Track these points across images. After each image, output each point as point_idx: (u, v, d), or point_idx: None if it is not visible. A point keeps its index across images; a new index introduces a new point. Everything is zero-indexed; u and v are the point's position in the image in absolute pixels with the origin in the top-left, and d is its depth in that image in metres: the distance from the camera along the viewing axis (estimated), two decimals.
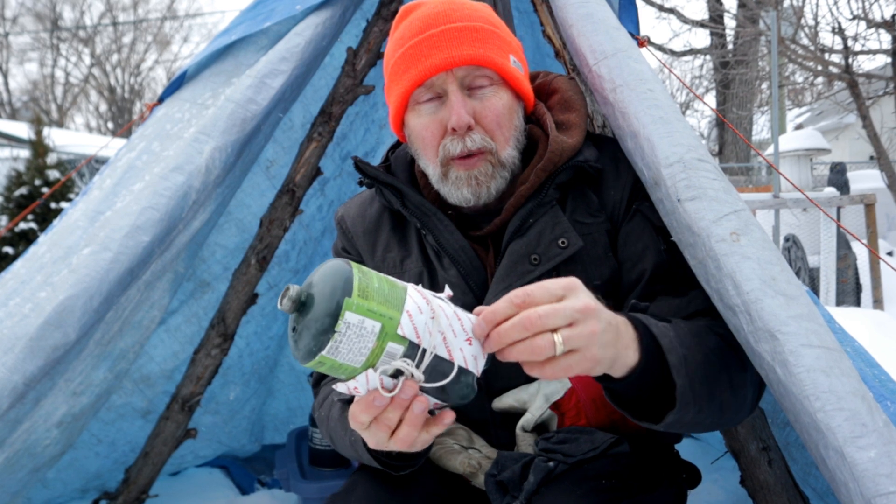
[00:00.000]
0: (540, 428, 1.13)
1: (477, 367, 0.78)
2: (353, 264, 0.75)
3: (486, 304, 1.07)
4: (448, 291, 0.82)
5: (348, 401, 1.06)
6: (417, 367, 0.75)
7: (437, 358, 0.75)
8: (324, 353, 0.71)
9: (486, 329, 0.77)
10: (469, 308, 1.09)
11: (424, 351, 0.74)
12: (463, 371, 0.77)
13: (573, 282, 0.80)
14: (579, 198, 1.14)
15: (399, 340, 0.73)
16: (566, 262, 1.09)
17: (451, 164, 1.11)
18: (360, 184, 1.24)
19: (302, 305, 0.73)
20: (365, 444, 0.99)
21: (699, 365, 0.93)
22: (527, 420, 1.11)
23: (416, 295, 0.75)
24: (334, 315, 0.70)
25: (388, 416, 0.80)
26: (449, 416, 0.83)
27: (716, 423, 0.99)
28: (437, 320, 0.75)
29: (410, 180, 1.24)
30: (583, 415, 1.11)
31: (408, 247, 1.20)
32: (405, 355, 0.74)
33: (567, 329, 0.76)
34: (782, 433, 1.46)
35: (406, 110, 1.15)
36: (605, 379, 0.89)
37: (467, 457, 1.13)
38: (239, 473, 2.32)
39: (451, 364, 0.76)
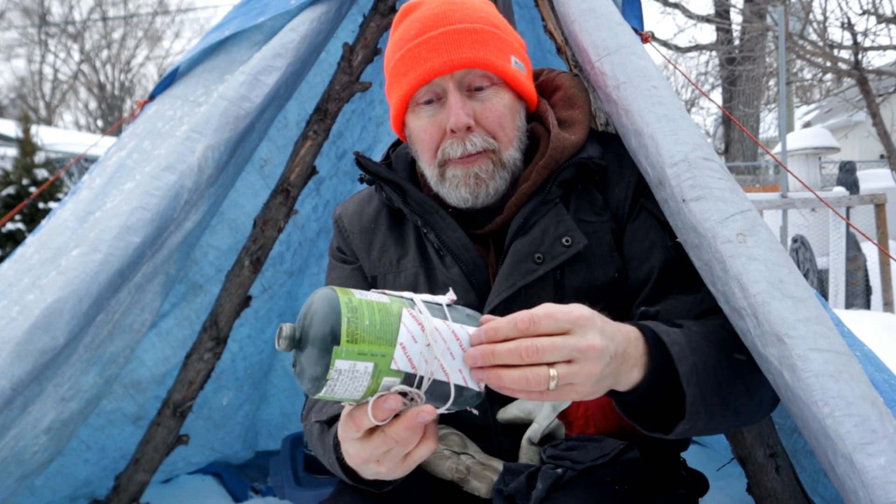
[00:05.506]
0: (546, 438, 1.11)
1: (479, 384, 0.78)
2: (342, 298, 0.74)
3: (489, 303, 1.07)
4: (451, 296, 0.82)
5: (326, 421, 1.04)
6: (417, 388, 0.76)
7: (435, 382, 0.76)
8: (321, 394, 0.73)
9: (482, 338, 0.76)
10: (471, 307, 1.06)
11: (422, 378, 0.75)
12: (464, 388, 0.78)
13: (584, 316, 0.77)
14: (583, 196, 1.13)
15: (394, 374, 0.74)
16: (570, 261, 1.08)
17: (448, 164, 1.10)
18: (361, 180, 1.23)
19: (298, 342, 0.74)
20: (342, 467, 0.96)
21: (711, 372, 0.91)
22: (534, 431, 1.09)
23: (411, 322, 0.75)
24: (324, 364, 0.71)
25: (395, 429, 0.77)
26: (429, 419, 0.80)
27: (732, 425, 0.98)
28: (432, 347, 0.75)
29: (411, 179, 1.22)
30: (591, 423, 1.10)
31: (405, 246, 1.19)
32: (403, 383, 0.75)
33: (564, 366, 0.74)
34: (790, 440, 1.43)
35: (406, 112, 1.15)
36: (612, 392, 0.88)
37: (455, 462, 1.12)
38: (232, 480, 2.30)
39: (450, 385, 0.77)
